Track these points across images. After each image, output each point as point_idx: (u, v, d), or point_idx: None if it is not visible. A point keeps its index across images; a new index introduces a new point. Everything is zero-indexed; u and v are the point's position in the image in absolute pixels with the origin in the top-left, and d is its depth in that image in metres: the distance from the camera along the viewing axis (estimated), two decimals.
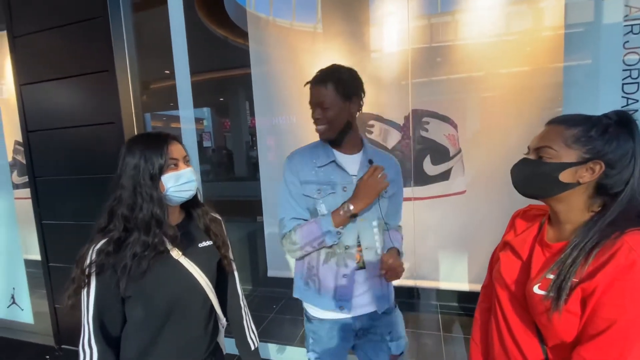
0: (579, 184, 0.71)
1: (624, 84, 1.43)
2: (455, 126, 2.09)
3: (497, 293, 0.85)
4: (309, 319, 1.25)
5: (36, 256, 2.41)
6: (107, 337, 0.89)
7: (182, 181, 0.95)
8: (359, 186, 1.10)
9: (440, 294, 2.69)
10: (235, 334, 1.16)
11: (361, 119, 2.22)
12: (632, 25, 1.41)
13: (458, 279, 2.21)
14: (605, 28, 1.49)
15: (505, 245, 0.89)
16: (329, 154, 1.17)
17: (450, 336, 2.42)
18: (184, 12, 2.06)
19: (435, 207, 2.17)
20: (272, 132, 2.39)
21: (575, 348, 0.67)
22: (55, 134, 2.16)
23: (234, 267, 1.16)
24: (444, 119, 2.10)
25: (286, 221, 1.16)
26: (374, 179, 1.09)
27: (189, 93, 2.13)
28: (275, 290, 3.29)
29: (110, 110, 2.03)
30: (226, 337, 1.17)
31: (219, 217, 1.14)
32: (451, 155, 2.12)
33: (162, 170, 0.91)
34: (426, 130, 2.14)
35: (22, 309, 2.66)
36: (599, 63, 1.51)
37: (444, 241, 2.21)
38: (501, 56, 1.94)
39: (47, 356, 2.47)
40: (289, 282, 3.63)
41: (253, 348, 1.18)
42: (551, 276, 0.71)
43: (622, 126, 0.70)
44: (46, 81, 2.16)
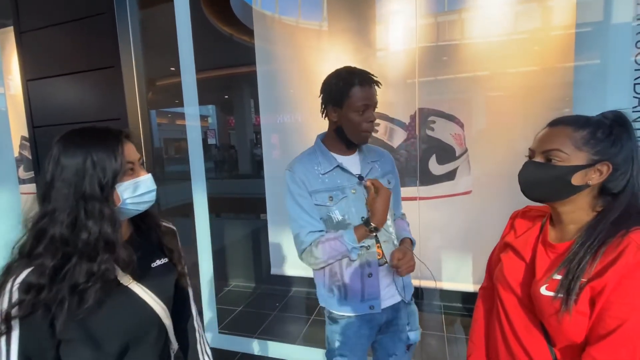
0: (587, 186, 0.71)
1: (635, 84, 1.41)
2: (461, 125, 2.07)
3: (499, 295, 0.84)
4: (334, 320, 1.21)
5: None
6: None
7: (142, 191, 0.75)
8: (375, 208, 1.09)
9: (444, 294, 2.68)
10: (189, 356, 0.97)
11: None
12: None
13: (462, 279, 2.20)
14: (615, 28, 1.46)
15: (506, 247, 0.89)
16: (330, 159, 1.16)
17: (454, 337, 2.40)
18: (190, 9, 2.06)
19: (441, 207, 2.15)
20: (277, 130, 2.38)
21: (586, 349, 0.66)
22: (61, 130, 2.15)
23: (188, 282, 0.97)
24: (451, 118, 2.08)
25: (303, 237, 1.14)
26: (386, 197, 1.09)
27: (194, 90, 2.13)
28: (278, 288, 3.29)
29: (115, 107, 2.04)
30: None
31: (173, 227, 0.95)
32: (457, 154, 2.11)
33: (116, 177, 0.70)
34: (432, 130, 2.12)
35: None
36: (609, 63, 1.48)
37: (448, 241, 2.19)
38: (509, 55, 1.92)
39: None
40: (291, 280, 3.66)
41: None
42: (558, 277, 0.70)
43: (620, 126, 0.71)
44: (52, 77, 2.16)
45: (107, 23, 2.00)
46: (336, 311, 1.20)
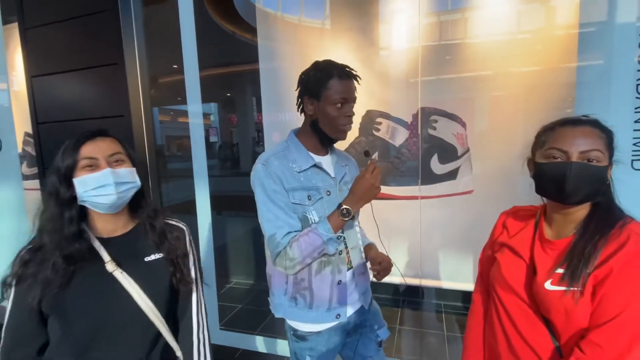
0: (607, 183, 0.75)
1: (638, 85, 1.40)
2: (463, 125, 2.07)
3: (499, 296, 0.85)
4: (301, 337, 1.12)
5: None
6: (21, 355, 0.78)
7: (93, 185, 0.79)
8: (359, 185, 1.01)
9: (444, 293, 2.68)
10: None
11: (369, 116, 2.21)
12: None
13: (463, 278, 2.20)
14: (619, 28, 1.46)
15: (501, 247, 0.89)
16: (306, 157, 1.09)
17: (454, 335, 2.41)
18: (193, 6, 2.06)
19: (442, 206, 2.15)
20: (279, 128, 2.38)
21: (585, 335, 0.68)
22: (65, 126, 2.18)
23: (193, 287, 0.93)
24: (453, 117, 2.08)
25: (279, 238, 1.02)
26: (374, 178, 1.00)
27: (197, 88, 2.14)
28: None
29: (119, 104, 2.05)
30: None
31: (182, 226, 0.96)
32: (459, 154, 2.11)
33: (71, 171, 0.79)
34: (434, 129, 2.12)
35: None
36: (612, 63, 1.48)
37: (449, 241, 2.20)
38: (512, 55, 1.91)
39: None
40: None
41: None
42: (561, 271, 0.73)
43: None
44: (56, 73, 2.17)
45: (111, 20, 2.01)
46: (301, 327, 1.12)
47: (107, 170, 0.80)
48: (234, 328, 2.43)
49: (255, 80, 2.33)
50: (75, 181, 0.79)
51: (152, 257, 0.86)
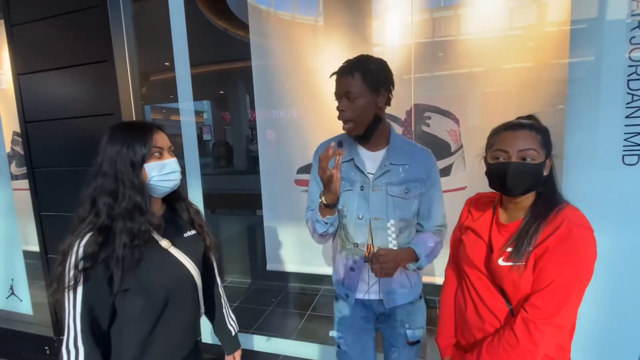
0: (544, 176, 0.90)
1: (629, 80, 1.42)
2: (457, 121, 2.08)
3: (465, 271, 1.02)
4: (336, 297, 1.31)
5: (35, 247, 2.40)
6: (95, 336, 0.85)
7: (167, 170, 0.93)
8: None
9: (439, 289, 2.70)
10: (216, 321, 1.18)
11: None
12: (639, 21, 1.40)
13: None
14: (610, 24, 1.47)
15: (466, 229, 1.06)
16: (351, 151, 1.16)
17: None
18: (184, 2, 2.03)
19: None
20: (273, 125, 2.37)
21: (528, 299, 0.86)
22: (54, 125, 2.15)
23: (215, 257, 1.17)
24: (446, 114, 2.09)
25: (307, 211, 1.23)
26: (323, 175, 1.03)
27: (189, 85, 2.11)
28: (274, 283, 3.29)
29: (109, 101, 2.02)
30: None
31: (198, 208, 1.14)
32: (452, 150, 2.11)
33: (144, 158, 0.89)
34: (427, 125, 2.13)
35: (21, 300, 2.66)
36: (603, 59, 1.49)
37: (444, 237, 2.21)
38: (504, 51, 1.92)
39: (46, 347, 2.47)
40: (287, 276, 3.66)
41: (233, 334, 1.19)
42: (510, 249, 0.89)
43: (545, 127, 0.92)
44: (44, 71, 2.13)
45: (100, 16, 1.97)
46: (334, 286, 1.30)
47: (173, 159, 0.96)
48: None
49: (248, 78, 2.31)
50: (148, 166, 0.90)
51: (189, 233, 1.04)
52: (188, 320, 1.01)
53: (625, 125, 1.44)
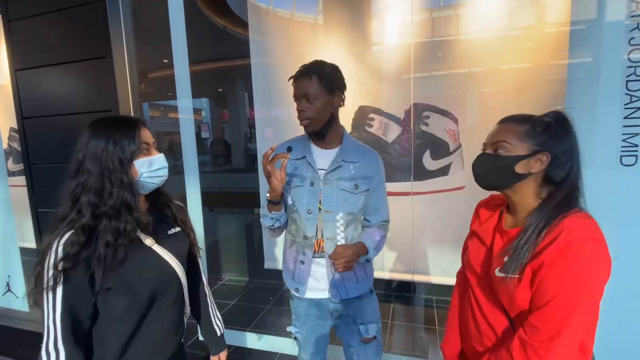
0: (530, 174, 0.81)
1: (628, 81, 1.42)
2: (455, 121, 2.08)
3: (468, 278, 0.96)
4: (291, 297, 1.37)
5: (31, 244, 2.39)
6: (76, 337, 0.82)
7: (156, 166, 0.92)
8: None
9: (437, 288, 2.71)
10: (202, 321, 1.16)
11: (362, 112, 2.20)
12: (638, 22, 1.40)
13: (455, 274, 2.22)
14: (608, 25, 1.47)
15: (472, 234, 0.99)
16: (304, 149, 1.24)
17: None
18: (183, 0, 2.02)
19: (435, 202, 2.17)
20: (271, 123, 2.37)
21: (527, 317, 0.77)
22: (51, 121, 2.13)
23: (199, 254, 1.16)
24: (445, 113, 2.09)
25: (263, 208, 1.30)
26: (264, 162, 1.13)
27: (187, 83, 2.10)
28: (272, 282, 3.29)
29: (107, 98, 2.01)
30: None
31: (182, 205, 1.12)
32: (451, 150, 2.12)
33: (133, 155, 0.86)
34: (426, 125, 2.13)
35: (18, 297, 2.65)
36: (602, 60, 1.49)
37: (442, 236, 2.21)
38: (503, 52, 1.92)
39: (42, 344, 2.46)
40: None
41: (219, 334, 1.18)
42: (506, 259, 0.81)
43: (562, 124, 0.81)
44: (42, 67, 2.12)
45: (98, 12, 1.96)
46: (286, 283, 1.37)
47: (161, 154, 0.94)
48: (226, 325, 2.41)
49: (247, 76, 2.31)
50: (137, 163, 0.88)
51: (173, 230, 1.01)
52: (172, 320, 0.99)
53: (624, 126, 1.44)
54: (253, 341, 2.29)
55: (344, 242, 1.23)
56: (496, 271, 0.83)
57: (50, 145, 2.17)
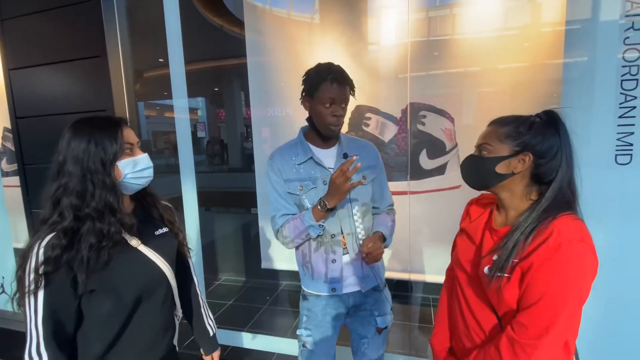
0: (513, 174, 0.83)
1: (622, 81, 1.43)
2: (452, 120, 2.08)
3: (456, 275, 0.97)
4: (305, 296, 1.34)
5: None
6: (59, 341, 0.81)
7: (140, 167, 0.90)
8: (330, 184, 1.15)
9: (433, 287, 2.71)
10: (194, 321, 1.15)
11: (358, 112, 2.20)
12: (633, 22, 1.41)
13: None
14: (603, 25, 1.48)
15: (462, 232, 1.01)
16: (306, 151, 1.25)
17: None
18: None
19: (431, 201, 2.17)
20: (268, 123, 2.36)
21: (515, 316, 0.80)
22: (45, 121, 2.12)
23: (189, 254, 1.14)
24: (441, 113, 2.09)
25: (277, 218, 1.26)
26: (340, 178, 1.11)
27: (183, 82, 2.09)
28: (269, 281, 3.29)
29: (102, 98, 1.99)
30: None
31: (170, 205, 1.10)
32: (447, 149, 2.12)
33: (116, 156, 0.85)
34: (423, 124, 2.13)
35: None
36: (597, 60, 1.50)
37: (438, 235, 2.22)
38: (499, 51, 1.93)
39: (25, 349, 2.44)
40: (281, 274, 3.65)
41: (212, 334, 1.17)
42: (495, 257, 0.82)
43: (550, 123, 0.81)
44: (36, 66, 2.10)
45: (93, 11, 1.95)
46: (307, 289, 1.33)
47: (145, 154, 0.92)
48: (223, 325, 2.41)
49: (243, 75, 2.30)
50: (120, 164, 0.86)
51: (161, 231, 1.00)
52: (161, 321, 0.97)
53: (619, 125, 1.45)
54: (250, 341, 2.28)
55: (363, 233, 1.27)
56: (485, 269, 0.84)
57: (45, 146, 2.15)
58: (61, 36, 2.03)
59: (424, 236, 2.24)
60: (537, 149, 0.80)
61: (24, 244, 0.85)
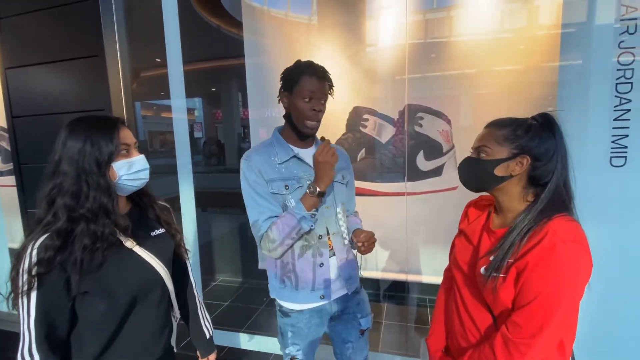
0: (511, 176, 0.84)
1: (617, 84, 1.44)
2: (449, 122, 2.10)
3: (454, 275, 0.98)
4: (285, 314, 1.27)
5: None
6: (52, 343, 0.80)
7: (136, 168, 0.89)
8: (316, 167, 1.12)
9: (430, 288, 2.72)
10: (191, 323, 1.13)
11: (356, 113, 2.21)
12: (627, 25, 1.42)
13: None
14: (598, 28, 1.50)
15: (460, 233, 1.02)
16: (287, 150, 1.19)
17: None
18: None
19: (428, 202, 2.18)
20: (265, 123, 2.36)
21: (511, 315, 0.80)
22: (42, 120, 2.11)
23: (187, 255, 1.12)
24: (438, 114, 2.10)
25: (261, 222, 1.14)
26: (325, 154, 1.09)
27: (181, 82, 2.09)
28: (266, 282, 3.27)
29: (99, 97, 1.99)
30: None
31: (167, 205, 1.09)
32: (444, 151, 2.13)
33: (111, 157, 0.83)
34: (420, 126, 2.14)
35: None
36: (592, 63, 1.52)
37: (435, 236, 2.23)
38: (496, 54, 1.94)
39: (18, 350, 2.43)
40: None
41: (208, 336, 1.16)
42: (492, 258, 0.84)
43: (546, 126, 0.82)
44: (32, 65, 2.09)
45: (91, 10, 1.94)
46: (287, 304, 1.25)
47: (142, 156, 0.90)
48: (220, 326, 2.41)
49: (241, 75, 2.30)
50: (116, 165, 0.85)
51: (157, 232, 0.98)
52: (157, 322, 0.96)
53: (613, 128, 1.47)
54: (247, 342, 2.28)
55: (346, 232, 1.26)
56: (482, 270, 0.85)
57: (41, 145, 2.14)
58: (58, 35, 2.02)
59: (421, 237, 2.25)
60: (534, 151, 0.81)
61: (19, 243, 0.85)
